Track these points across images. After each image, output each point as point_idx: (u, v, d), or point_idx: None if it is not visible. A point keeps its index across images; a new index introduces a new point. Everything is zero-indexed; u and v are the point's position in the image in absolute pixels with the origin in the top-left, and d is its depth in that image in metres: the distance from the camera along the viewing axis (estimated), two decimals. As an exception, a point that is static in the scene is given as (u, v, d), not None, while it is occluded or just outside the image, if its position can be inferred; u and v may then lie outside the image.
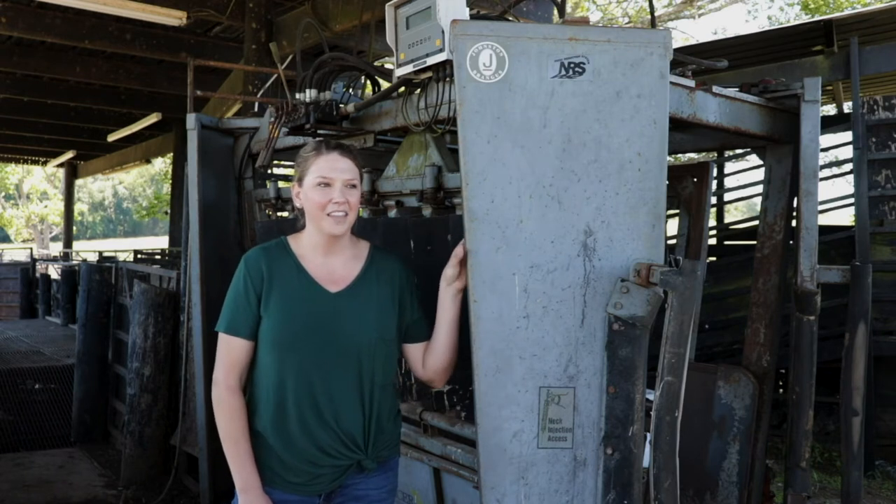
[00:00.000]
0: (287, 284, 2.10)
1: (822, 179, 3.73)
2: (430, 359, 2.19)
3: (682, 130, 3.19)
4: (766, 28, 12.60)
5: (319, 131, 2.99)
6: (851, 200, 6.51)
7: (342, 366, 2.08)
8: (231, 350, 2.09)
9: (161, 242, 34.37)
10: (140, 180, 49.29)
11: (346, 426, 2.09)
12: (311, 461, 2.08)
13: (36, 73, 10.62)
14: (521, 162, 1.99)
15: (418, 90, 2.63)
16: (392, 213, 2.88)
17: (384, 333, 2.14)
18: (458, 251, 2.06)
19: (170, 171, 18.08)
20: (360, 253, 2.22)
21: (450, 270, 2.10)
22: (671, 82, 2.18)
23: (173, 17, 7.38)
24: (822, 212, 6.66)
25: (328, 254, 2.15)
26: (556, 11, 7.93)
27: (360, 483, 2.17)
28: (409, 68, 2.44)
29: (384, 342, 2.14)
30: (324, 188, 2.08)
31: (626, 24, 17.03)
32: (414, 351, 2.23)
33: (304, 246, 2.17)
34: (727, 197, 8.61)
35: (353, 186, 2.11)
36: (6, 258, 23.71)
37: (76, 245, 23.94)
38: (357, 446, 2.11)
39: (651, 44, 2.01)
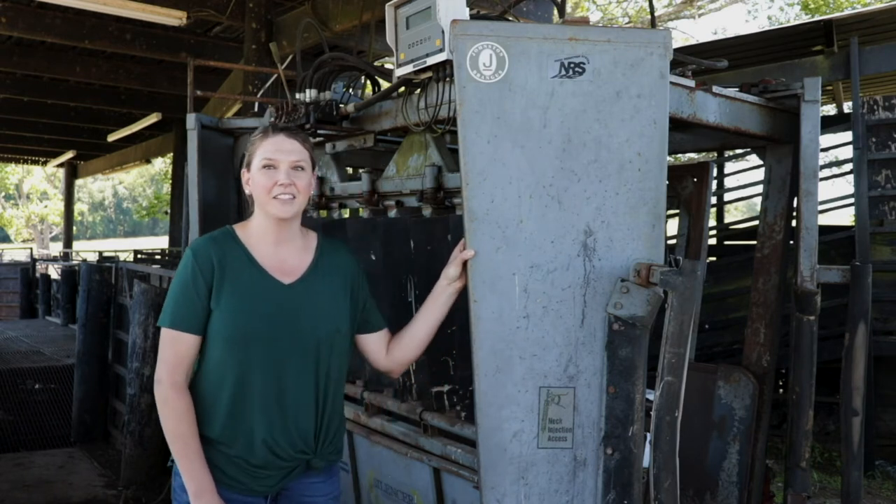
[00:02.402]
0: (238, 276, 2.02)
1: (822, 179, 3.73)
2: (398, 350, 2.17)
3: (682, 130, 3.18)
4: (766, 28, 12.60)
5: (319, 131, 2.99)
6: (851, 200, 6.51)
7: (299, 361, 2.03)
8: (177, 346, 2.00)
9: (161, 242, 34.36)
10: (140, 180, 49.31)
11: (301, 425, 2.04)
12: (258, 465, 2.02)
13: (36, 73, 10.63)
14: (521, 162, 1.99)
15: (418, 90, 2.62)
16: (392, 213, 2.88)
17: (340, 326, 2.10)
18: (467, 253, 2.02)
19: (170, 171, 18.09)
20: (309, 244, 2.17)
21: (452, 269, 2.09)
22: (671, 82, 2.18)
23: (173, 17, 7.39)
24: (822, 212, 6.66)
25: (278, 242, 2.09)
26: (556, 11, 7.93)
27: (306, 489, 2.13)
28: (409, 68, 2.43)
29: (341, 335, 2.10)
30: (269, 171, 2.03)
31: (626, 24, 17.02)
32: (372, 340, 2.20)
33: (253, 235, 2.09)
34: (727, 197, 8.62)
35: (301, 169, 2.05)
36: (6, 258, 23.72)
37: (76, 245, 23.95)
38: (308, 447, 2.07)
39: (651, 44, 2.01)
